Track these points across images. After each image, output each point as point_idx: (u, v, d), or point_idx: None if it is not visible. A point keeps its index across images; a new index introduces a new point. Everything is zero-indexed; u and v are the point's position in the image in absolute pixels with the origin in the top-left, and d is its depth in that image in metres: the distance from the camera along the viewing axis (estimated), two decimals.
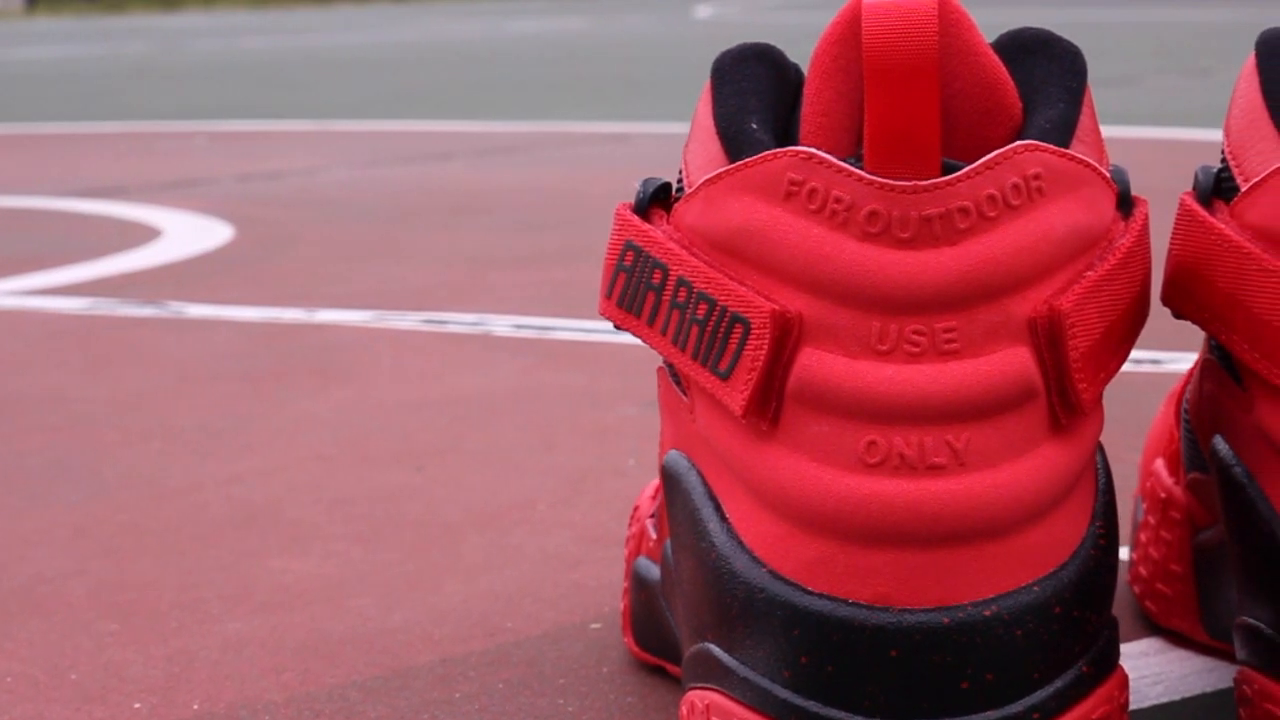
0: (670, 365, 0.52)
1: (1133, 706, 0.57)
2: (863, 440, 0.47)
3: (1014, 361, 0.47)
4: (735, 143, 0.50)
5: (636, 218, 0.52)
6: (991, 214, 0.47)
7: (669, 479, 0.52)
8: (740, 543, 0.49)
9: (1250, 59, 0.52)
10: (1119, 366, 0.50)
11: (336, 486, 0.84)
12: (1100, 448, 0.52)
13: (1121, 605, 0.65)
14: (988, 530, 0.47)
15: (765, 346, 0.47)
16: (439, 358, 1.13)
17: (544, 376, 1.06)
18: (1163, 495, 0.61)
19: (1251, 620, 0.51)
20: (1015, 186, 0.47)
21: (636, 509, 0.61)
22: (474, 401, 1.00)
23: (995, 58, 0.50)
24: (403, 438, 0.93)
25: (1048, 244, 0.48)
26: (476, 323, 1.24)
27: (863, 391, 0.47)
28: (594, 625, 0.65)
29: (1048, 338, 0.47)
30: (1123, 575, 0.68)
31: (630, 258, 0.51)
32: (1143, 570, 0.63)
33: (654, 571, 0.58)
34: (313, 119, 3.13)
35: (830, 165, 0.47)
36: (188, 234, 1.72)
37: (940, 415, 0.47)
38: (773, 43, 0.52)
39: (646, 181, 0.53)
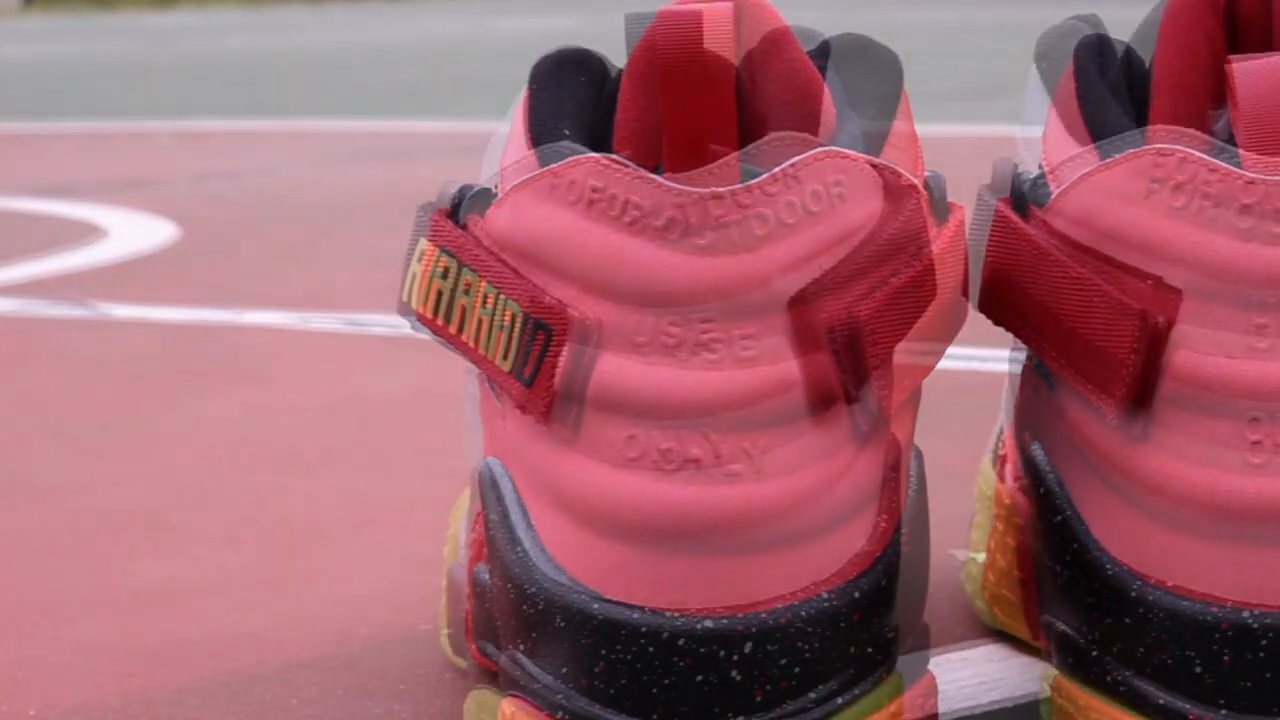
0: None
1: (965, 711, 0.57)
2: (659, 447, 0.47)
3: (812, 369, 0.47)
4: (546, 149, 0.50)
5: (450, 223, 0.52)
6: (790, 220, 0.47)
7: (484, 486, 0.52)
8: (544, 550, 0.49)
9: (1069, 64, 0.52)
10: (926, 373, 0.50)
11: (221, 490, 0.84)
12: (917, 454, 0.52)
13: (972, 610, 0.65)
14: (784, 537, 0.47)
15: (565, 353, 0.47)
16: (353, 359, 1.12)
17: (454, 379, 1.06)
18: (1007, 501, 0.61)
19: (1060, 625, 0.51)
20: (815, 193, 0.47)
21: (479, 515, 0.61)
22: (378, 403, 1.00)
23: (809, 64, 0.50)
24: (298, 440, 0.92)
25: (848, 251, 0.47)
26: (400, 324, 1.23)
27: (659, 398, 0.47)
28: (448, 630, 0.65)
29: (847, 345, 0.47)
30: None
31: (443, 264, 0.51)
32: (991, 576, 0.63)
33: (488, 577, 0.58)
34: (284, 117, 3.13)
35: (629, 172, 0.47)
36: (131, 234, 1.71)
37: (737, 422, 0.47)
38: None
39: (463, 187, 0.53)
